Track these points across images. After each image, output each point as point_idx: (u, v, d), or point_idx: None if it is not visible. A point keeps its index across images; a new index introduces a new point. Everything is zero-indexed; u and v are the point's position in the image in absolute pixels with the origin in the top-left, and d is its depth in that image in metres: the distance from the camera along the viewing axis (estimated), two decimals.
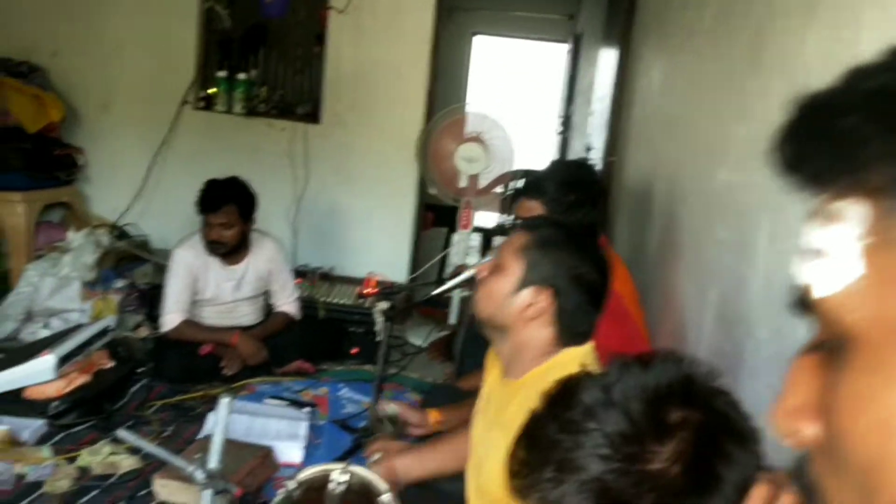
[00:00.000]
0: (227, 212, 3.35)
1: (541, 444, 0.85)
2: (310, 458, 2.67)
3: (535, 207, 2.22)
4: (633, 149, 3.90)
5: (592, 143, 5.19)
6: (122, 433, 1.92)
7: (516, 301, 1.53)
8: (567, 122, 7.55)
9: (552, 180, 2.27)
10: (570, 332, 1.54)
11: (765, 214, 1.82)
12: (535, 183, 2.30)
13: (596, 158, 4.77)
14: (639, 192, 3.51)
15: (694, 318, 2.30)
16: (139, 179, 4.61)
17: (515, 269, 1.55)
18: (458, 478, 2.00)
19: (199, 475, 1.92)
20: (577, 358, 1.54)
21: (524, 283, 1.53)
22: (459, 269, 2.95)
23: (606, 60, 5.13)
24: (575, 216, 2.19)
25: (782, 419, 0.48)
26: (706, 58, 2.58)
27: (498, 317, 1.57)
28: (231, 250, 3.44)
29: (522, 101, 9.56)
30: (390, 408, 2.51)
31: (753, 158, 1.94)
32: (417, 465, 1.94)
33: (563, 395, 0.87)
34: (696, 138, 2.59)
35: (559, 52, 8.62)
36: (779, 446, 0.87)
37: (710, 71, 2.51)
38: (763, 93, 1.93)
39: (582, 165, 2.76)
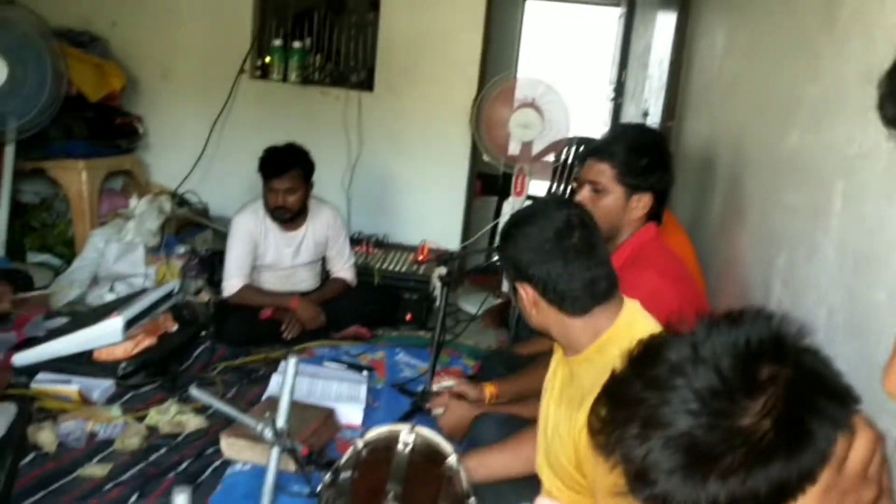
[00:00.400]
0: (291, 176, 3.39)
1: (625, 402, 0.84)
2: (369, 420, 2.71)
3: (603, 171, 2.18)
4: (693, 113, 3.83)
5: (649, 109, 5.11)
6: (194, 391, 1.97)
7: (522, 305, 1.64)
8: (620, 89, 7.43)
9: (622, 143, 2.20)
10: (567, 299, 1.58)
11: (839, 178, 1.78)
12: (604, 145, 2.24)
13: (653, 124, 4.69)
14: (699, 157, 3.45)
15: (759, 284, 2.27)
16: (198, 147, 4.67)
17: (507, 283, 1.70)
18: None
19: (268, 433, 1.97)
20: (632, 323, 1.55)
21: (513, 289, 1.65)
22: None
23: (664, 23, 5.02)
24: (647, 181, 2.15)
25: (893, 381, 0.47)
26: (775, 16, 2.51)
27: (530, 324, 1.67)
28: (293, 216, 3.49)
29: (573, 67, 9.43)
30: (446, 383, 2.54)
31: (827, 120, 1.89)
32: (482, 468, 1.94)
33: (647, 354, 0.86)
34: (763, 100, 2.54)
35: (611, 17, 8.47)
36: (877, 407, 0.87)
37: (780, 30, 2.44)
38: (838, 51, 1.88)
39: (651, 129, 2.71)
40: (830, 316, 1.73)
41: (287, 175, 3.38)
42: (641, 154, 2.16)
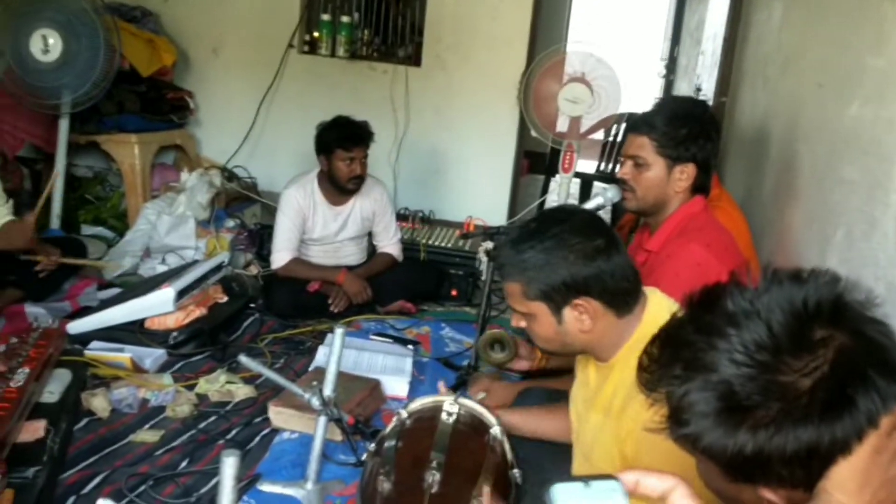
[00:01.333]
0: (367, 145, 3.47)
1: (674, 343, 0.86)
2: (414, 392, 2.72)
3: (643, 144, 2.14)
4: (748, 88, 3.74)
5: (702, 85, 5.01)
6: (243, 359, 2.00)
7: (569, 329, 1.54)
8: (672, 64, 7.29)
9: (661, 115, 2.15)
10: (621, 296, 1.53)
11: None
12: (643, 118, 2.19)
13: (706, 100, 4.59)
14: (753, 132, 3.37)
15: (814, 260, 2.21)
16: (247, 122, 4.72)
17: (538, 309, 1.55)
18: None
19: (315, 402, 1.99)
20: (657, 315, 1.52)
21: (558, 312, 1.53)
22: None
23: None
24: (689, 151, 2.10)
25: None
26: None
27: (568, 347, 1.59)
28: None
29: (624, 42, 9.28)
30: (499, 333, 2.54)
31: (891, 92, 1.83)
32: (531, 423, 1.96)
33: (707, 301, 0.86)
34: (821, 73, 2.46)
35: None
36: None
37: (842, 0, 2.36)
38: None
39: (693, 100, 2.65)
40: (889, 292, 1.68)
41: (364, 144, 3.45)
42: (681, 124, 2.11)
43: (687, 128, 2.12)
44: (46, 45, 3.70)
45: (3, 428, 1.96)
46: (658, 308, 1.54)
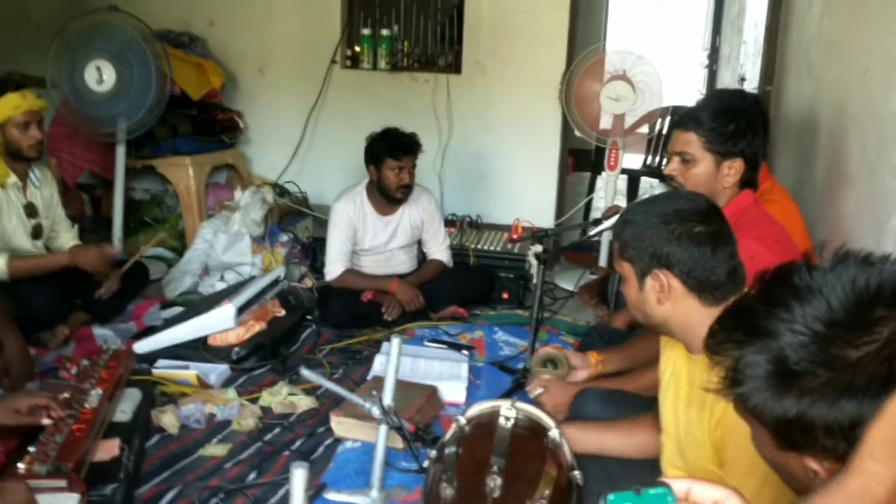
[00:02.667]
0: (415, 154, 3.56)
1: (741, 311, 0.93)
2: (471, 398, 2.76)
3: (690, 140, 2.14)
4: (793, 76, 3.70)
5: (745, 74, 4.96)
6: (304, 371, 2.07)
7: (647, 298, 1.60)
8: (714, 55, 7.21)
9: (708, 110, 2.15)
10: (709, 286, 1.55)
11: None
12: (690, 114, 2.19)
13: (751, 89, 4.55)
14: (800, 120, 3.34)
15: (871, 246, 2.19)
16: (295, 139, 4.82)
17: (627, 272, 1.63)
18: None
19: (376, 411, 2.04)
20: None
21: (642, 278, 1.60)
22: (612, 210, 2.92)
23: None
24: (737, 146, 2.09)
25: None
26: None
27: (648, 318, 1.64)
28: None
29: (664, 35, 9.20)
30: (551, 352, 2.54)
31: None
32: (588, 439, 1.96)
33: (777, 276, 0.92)
34: (866, 60, 2.43)
35: None
36: None
37: None
38: None
39: (741, 93, 2.63)
40: None
41: (412, 154, 3.54)
42: (729, 119, 2.10)
43: (734, 123, 2.11)
44: (101, 75, 3.84)
45: (81, 448, 2.05)
46: None
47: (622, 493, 0.79)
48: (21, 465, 1.96)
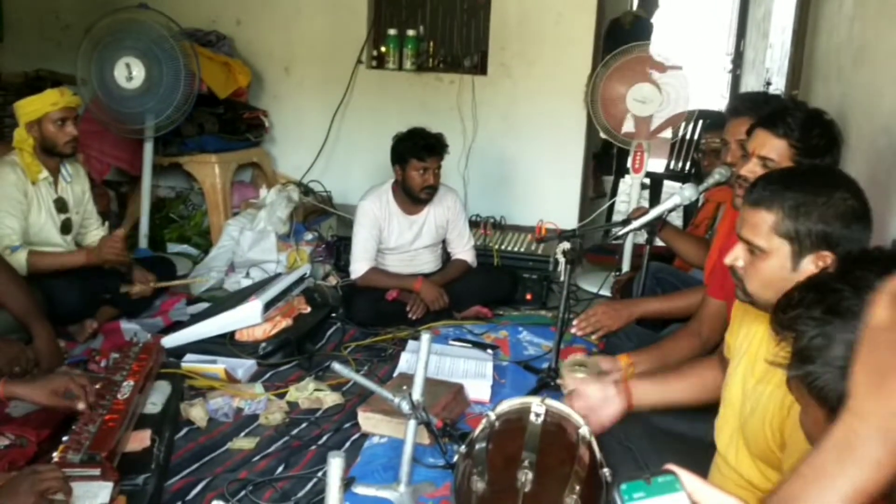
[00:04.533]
0: (440, 155, 3.57)
1: (821, 289, 0.91)
2: (496, 396, 2.76)
3: (779, 146, 1.97)
4: (821, 80, 3.68)
5: (771, 79, 4.94)
6: (336, 366, 2.08)
7: (802, 275, 1.43)
8: (739, 59, 7.19)
9: (798, 116, 1.99)
10: None
11: None
12: (780, 116, 2.01)
13: (777, 93, 4.53)
14: None
15: None
16: (320, 138, 4.85)
17: (778, 246, 1.49)
18: (680, 418, 1.99)
19: (405, 406, 2.05)
20: None
21: (801, 255, 1.48)
22: (640, 211, 2.91)
23: None
24: (823, 161, 1.97)
25: None
26: None
27: (775, 298, 1.54)
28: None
29: (689, 39, 9.18)
30: (580, 358, 2.53)
31: None
32: (656, 391, 1.94)
33: (861, 258, 0.91)
34: None
35: None
36: None
37: None
38: None
39: (805, 105, 2.55)
40: None
41: (437, 155, 3.55)
42: (820, 133, 1.99)
43: (821, 137, 1.99)
44: (130, 72, 3.88)
45: (113, 438, 2.08)
46: None
47: (633, 482, 0.81)
48: (55, 454, 2.00)
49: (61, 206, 3.24)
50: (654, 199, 5.44)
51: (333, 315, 3.53)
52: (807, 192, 1.48)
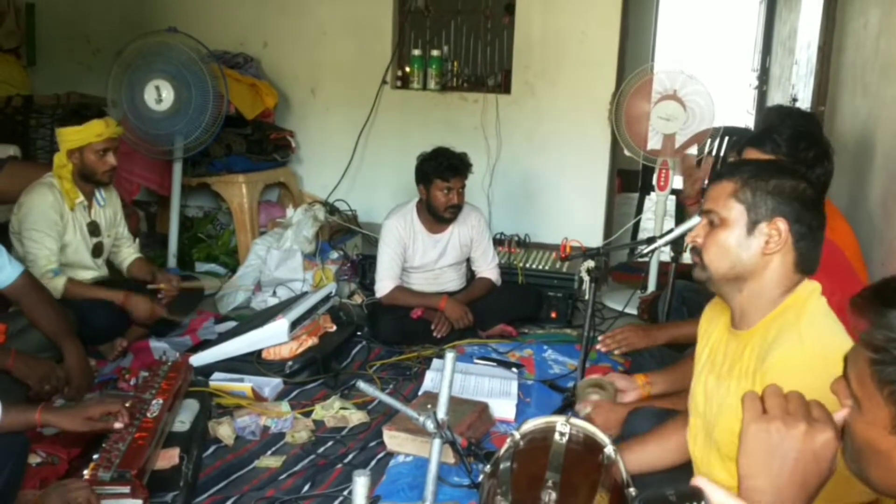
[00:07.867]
0: (464, 175, 3.59)
1: None
2: (521, 415, 2.76)
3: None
4: (847, 96, 3.66)
5: (797, 95, 4.91)
6: (361, 384, 2.09)
7: (754, 243, 1.55)
8: (764, 76, 7.16)
9: (785, 132, 2.07)
10: (807, 258, 1.55)
11: None
12: (766, 133, 2.11)
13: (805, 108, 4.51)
14: (854, 141, 3.30)
15: None
16: (345, 158, 4.90)
17: (736, 215, 1.56)
18: None
19: (430, 425, 2.06)
20: (813, 293, 1.54)
21: (754, 223, 1.55)
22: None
23: (810, 5, 4.82)
24: (814, 174, 2.02)
25: None
26: None
27: (738, 266, 1.58)
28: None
29: (713, 56, 9.16)
30: (596, 378, 2.53)
31: None
32: (629, 461, 1.92)
33: None
34: None
35: (751, 1, 8.17)
36: None
37: None
38: None
39: (808, 115, 2.57)
40: None
41: (461, 174, 3.57)
42: (807, 146, 2.04)
43: (813, 150, 2.05)
44: (160, 95, 3.95)
45: (143, 455, 2.11)
46: (808, 293, 1.55)
47: (656, 500, 0.81)
48: (85, 472, 2.02)
49: (94, 229, 3.30)
50: (680, 217, 5.41)
51: (359, 333, 3.55)
52: (766, 167, 1.58)
